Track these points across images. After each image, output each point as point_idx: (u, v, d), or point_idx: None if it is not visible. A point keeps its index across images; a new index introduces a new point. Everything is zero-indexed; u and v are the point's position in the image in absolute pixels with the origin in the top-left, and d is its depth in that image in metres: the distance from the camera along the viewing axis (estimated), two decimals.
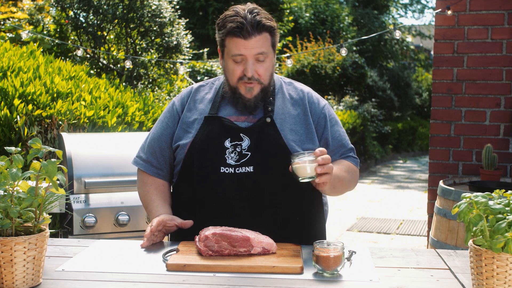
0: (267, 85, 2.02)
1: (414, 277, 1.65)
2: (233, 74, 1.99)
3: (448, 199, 3.40)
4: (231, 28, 1.93)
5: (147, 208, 2.12)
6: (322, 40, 14.79)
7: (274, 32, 2.00)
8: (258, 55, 1.95)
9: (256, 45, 1.94)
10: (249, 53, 1.94)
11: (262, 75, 1.99)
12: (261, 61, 1.97)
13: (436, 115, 4.42)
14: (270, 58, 2.01)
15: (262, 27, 1.94)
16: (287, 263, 1.68)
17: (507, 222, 1.40)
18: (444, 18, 4.35)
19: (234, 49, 1.95)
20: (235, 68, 1.98)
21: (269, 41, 1.98)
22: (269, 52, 1.98)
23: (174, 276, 1.61)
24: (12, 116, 3.70)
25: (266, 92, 2.03)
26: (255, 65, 1.96)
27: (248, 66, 1.95)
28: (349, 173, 2.06)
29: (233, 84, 2.01)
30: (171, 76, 8.10)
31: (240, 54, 1.95)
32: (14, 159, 1.52)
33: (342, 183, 2.00)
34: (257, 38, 1.94)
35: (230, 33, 1.94)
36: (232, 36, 1.94)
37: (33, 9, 8.35)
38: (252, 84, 1.98)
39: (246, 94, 2.00)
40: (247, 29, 1.91)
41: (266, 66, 1.98)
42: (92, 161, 2.99)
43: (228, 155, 1.98)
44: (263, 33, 1.95)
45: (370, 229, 6.59)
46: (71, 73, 5.02)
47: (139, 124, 4.49)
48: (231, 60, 1.98)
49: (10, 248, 1.47)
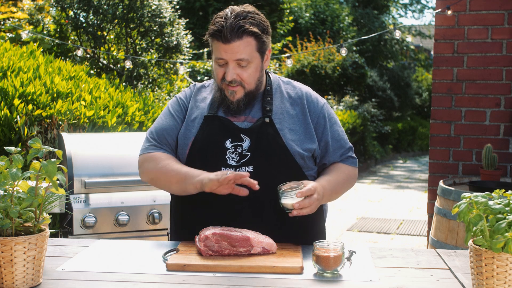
0: (253, 89, 2.01)
1: (414, 277, 1.65)
2: (217, 75, 2.01)
3: (448, 199, 3.40)
4: (212, 30, 1.95)
5: (180, 172, 1.94)
6: (322, 40, 14.79)
7: (260, 37, 1.96)
8: (238, 61, 1.94)
9: (237, 50, 1.92)
10: (229, 57, 1.94)
11: (246, 80, 1.97)
12: (243, 66, 1.95)
13: (436, 115, 4.42)
14: (256, 64, 1.98)
15: (242, 32, 1.91)
16: (287, 263, 1.68)
17: (507, 222, 1.40)
18: (444, 18, 4.35)
19: (216, 52, 1.97)
20: (218, 70, 1.99)
21: (253, 46, 1.95)
22: (253, 58, 1.96)
23: (174, 276, 1.61)
24: (12, 116, 3.70)
25: (253, 96, 2.02)
26: (236, 70, 1.95)
27: (229, 70, 1.95)
28: (345, 180, 2.10)
29: (218, 84, 2.02)
30: (171, 76, 8.10)
31: (221, 58, 1.95)
32: (14, 159, 1.52)
33: (338, 193, 2.08)
34: (238, 43, 1.91)
35: (211, 35, 1.95)
36: (213, 39, 1.96)
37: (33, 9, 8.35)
38: (234, 88, 1.98)
39: (229, 97, 2.00)
40: (225, 34, 1.90)
41: (250, 71, 1.97)
42: (92, 161, 2.99)
43: (229, 155, 1.98)
44: (244, 38, 1.92)
45: (370, 229, 6.59)
46: (71, 73, 5.02)
47: (139, 124, 4.49)
48: (215, 62, 1.99)
49: (10, 248, 1.47)
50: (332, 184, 2.01)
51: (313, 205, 1.86)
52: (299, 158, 2.00)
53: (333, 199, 2.07)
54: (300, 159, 2.01)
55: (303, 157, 2.01)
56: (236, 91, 1.98)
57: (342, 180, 2.08)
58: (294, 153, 1.99)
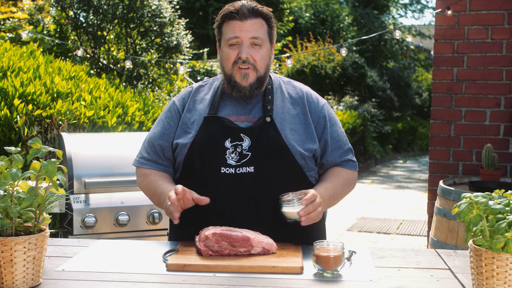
0: (263, 74, 2.04)
1: (414, 277, 1.65)
2: (228, 59, 2.01)
3: (448, 199, 3.40)
4: (228, 11, 2.01)
5: (156, 193, 2.03)
6: (322, 40, 14.79)
7: (271, 21, 2.05)
8: (253, 39, 1.99)
9: (252, 28, 1.99)
10: (244, 36, 1.98)
11: (258, 61, 2.01)
12: (256, 45, 2.00)
13: (436, 115, 4.42)
14: (267, 47, 2.04)
15: (257, 11, 2.01)
16: (287, 263, 1.68)
17: (507, 222, 1.40)
18: (444, 18, 4.35)
19: (229, 32, 2.00)
20: (230, 53, 2.01)
21: (265, 29, 2.03)
22: (265, 40, 2.02)
23: (174, 276, 1.61)
24: (12, 116, 3.70)
25: (262, 82, 2.04)
26: (250, 49, 1.99)
27: (243, 48, 1.98)
28: (344, 186, 2.11)
29: (228, 71, 2.02)
30: (171, 76, 8.10)
31: (236, 36, 1.99)
32: (14, 159, 1.52)
33: (337, 198, 2.09)
34: (253, 21, 1.99)
35: (227, 17, 2.01)
36: (229, 20, 2.01)
37: (33, 9, 8.35)
38: (247, 70, 2.00)
39: (241, 82, 2.00)
40: (243, 12, 1.99)
41: (262, 52, 2.01)
42: (92, 161, 2.99)
43: (229, 155, 1.98)
44: (258, 18, 2.01)
45: (370, 229, 6.59)
46: (71, 73, 5.02)
47: (139, 124, 4.49)
48: (227, 45, 2.01)
49: (10, 248, 1.47)
50: (329, 191, 2.02)
51: (317, 210, 1.86)
52: (300, 158, 2.00)
53: (332, 205, 2.08)
54: (301, 160, 2.01)
55: (304, 157, 2.01)
56: (248, 73, 2.00)
57: (340, 186, 2.08)
58: (295, 153, 1.99)
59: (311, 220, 1.86)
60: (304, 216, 1.83)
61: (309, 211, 1.83)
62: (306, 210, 1.83)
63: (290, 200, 1.83)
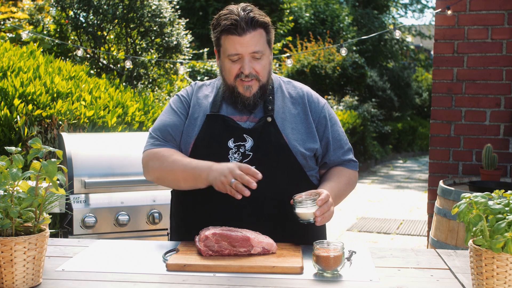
0: (266, 82, 2.02)
1: (414, 277, 1.65)
2: (230, 72, 1.99)
3: (448, 199, 3.40)
4: (225, 25, 1.94)
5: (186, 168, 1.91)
6: (322, 40, 14.78)
7: (269, 29, 2.01)
8: (254, 53, 1.95)
9: (251, 42, 1.94)
10: (245, 51, 1.94)
11: (260, 72, 1.99)
12: (257, 58, 1.97)
13: (436, 115, 4.42)
14: (267, 56, 2.01)
15: (256, 23, 1.95)
16: (287, 263, 1.68)
17: (507, 222, 1.40)
18: (444, 18, 4.35)
19: (230, 48, 1.95)
20: (232, 67, 1.98)
21: (264, 38, 1.99)
22: (265, 50, 1.99)
23: (174, 276, 1.61)
24: (12, 116, 3.70)
25: (265, 90, 2.03)
26: (252, 63, 1.97)
27: (245, 64, 1.95)
28: (347, 185, 2.11)
29: (231, 83, 2.01)
30: (171, 76, 8.10)
31: (237, 53, 1.95)
32: (14, 159, 1.52)
33: (341, 198, 2.09)
34: (252, 34, 1.94)
35: (225, 31, 1.95)
36: (227, 34, 1.95)
37: (33, 9, 8.35)
38: (250, 82, 1.98)
39: (244, 93, 1.99)
40: (241, 26, 1.92)
41: (263, 63, 1.99)
42: (92, 161, 2.99)
43: (232, 155, 1.98)
44: (257, 29, 1.96)
45: (370, 229, 6.59)
46: (71, 73, 5.02)
47: (139, 124, 4.49)
48: (228, 59, 1.98)
49: (10, 248, 1.47)
50: (335, 190, 2.01)
51: (330, 210, 1.85)
52: (301, 158, 2.00)
53: (336, 205, 2.06)
54: (302, 159, 2.01)
55: (305, 157, 2.01)
56: (251, 85, 1.98)
57: (344, 185, 2.09)
58: (296, 153, 1.99)
59: (325, 220, 1.85)
60: (320, 216, 1.82)
61: (324, 211, 1.82)
62: (322, 210, 1.81)
63: (303, 201, 1.82)
